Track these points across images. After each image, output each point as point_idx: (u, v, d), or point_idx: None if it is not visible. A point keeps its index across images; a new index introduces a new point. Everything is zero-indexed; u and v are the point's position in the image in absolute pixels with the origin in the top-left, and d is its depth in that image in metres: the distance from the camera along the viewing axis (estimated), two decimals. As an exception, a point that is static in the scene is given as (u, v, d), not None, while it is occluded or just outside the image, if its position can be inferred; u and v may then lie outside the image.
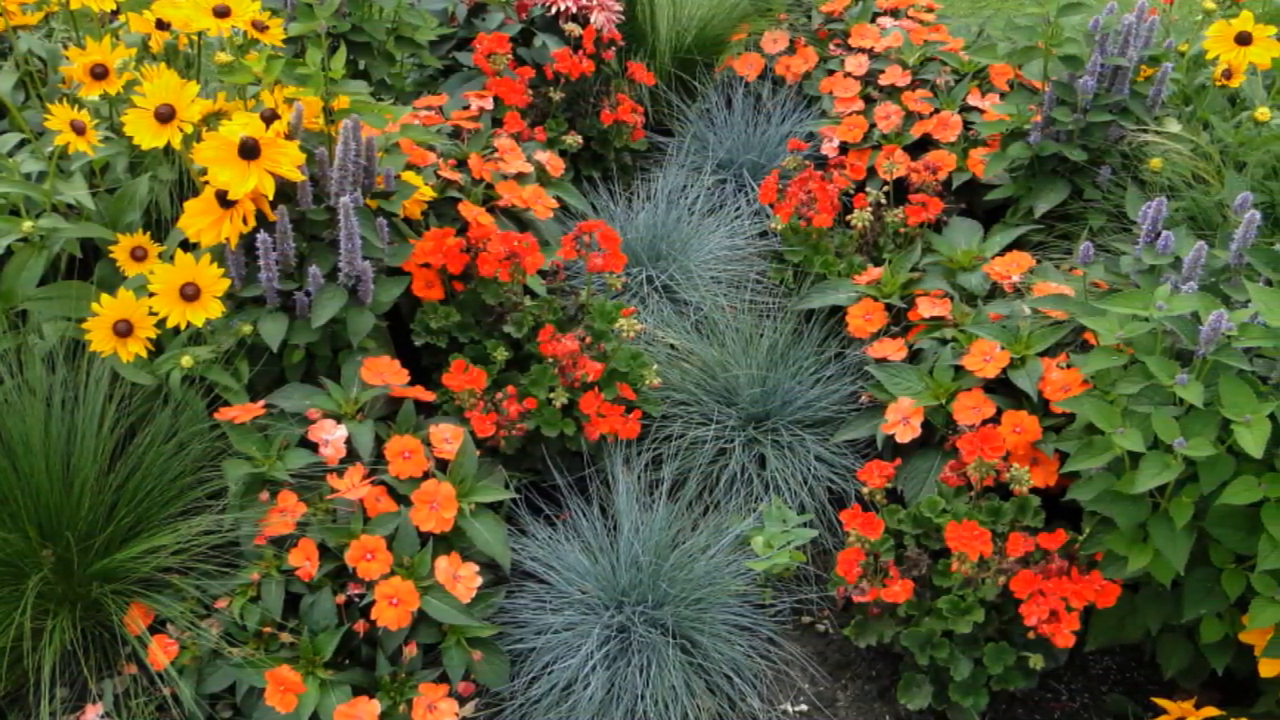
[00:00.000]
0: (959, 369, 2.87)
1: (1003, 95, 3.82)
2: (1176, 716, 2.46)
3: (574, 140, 3.84)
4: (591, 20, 3.94)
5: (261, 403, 2.68)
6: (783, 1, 4.61)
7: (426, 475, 2.65)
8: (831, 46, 4.33)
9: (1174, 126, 3.27)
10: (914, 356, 3.04)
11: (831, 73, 4.20)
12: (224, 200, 2.63)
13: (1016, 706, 2.69)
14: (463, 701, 2.54)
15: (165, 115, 2.64)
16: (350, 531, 2.54)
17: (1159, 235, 2.67)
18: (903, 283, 3.22)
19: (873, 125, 3.94)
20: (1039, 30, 3.29)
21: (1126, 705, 2.68)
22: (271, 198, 2.66)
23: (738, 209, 3.92)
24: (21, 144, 2.85)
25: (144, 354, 2.58)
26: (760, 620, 2.76)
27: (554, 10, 3.96)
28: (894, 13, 4.39)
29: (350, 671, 2.50)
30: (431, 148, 3.28)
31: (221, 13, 2.77)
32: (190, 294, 2.58)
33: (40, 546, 2.46)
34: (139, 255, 2.71)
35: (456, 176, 3.28)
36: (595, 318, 3.05)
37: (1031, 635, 2.49)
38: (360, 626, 2.49)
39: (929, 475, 2.82)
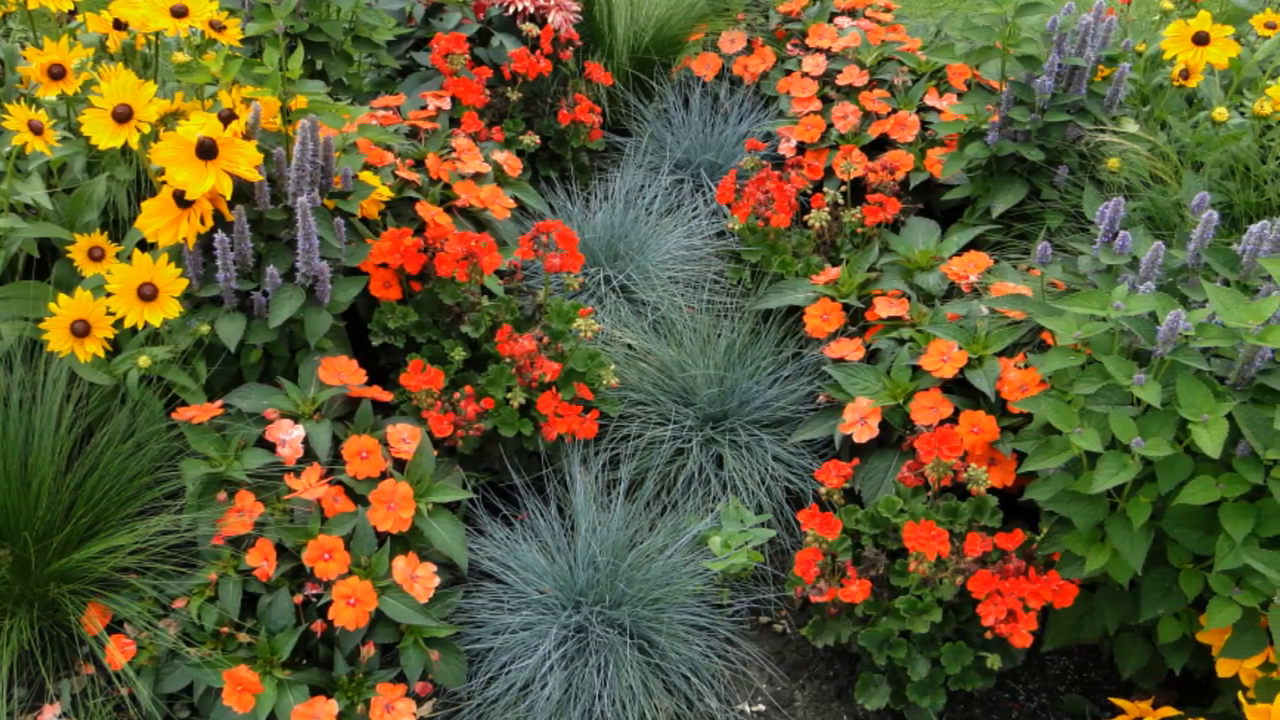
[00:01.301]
0: (916, 369, 2.87)
1: (960, 95, 3.84)
2: (1134, 716, 2.48)
3: (531, 140, 3.83)
4: (549, 20, 3.94)
5: (219, 403, 2.67)
6: (740, 2, 4.62)
7: (384, 475, 2.64)
8: (789, 46, 4.33)
9: (1131, 126, 3.29)
10: (871, 356, 3.04)
11: (789, 73, 4.21)
12: (181, 200, 2.62)
13: (974, 706, 2.71)
14: (420, 701, 2.53)
15: (123, 115, 2.63)
16: (308, 531, 2.53)
17: (1116, 235, 2.69)
18: (860, 283, 3.23)
19: (830, 125, 3.95)
20: (996, 30, 3.30)
21: (1084, 705, 2.69)
22: (229, 198, 2.66)
23: (695, 209, 3.93)
24: (-23, 144, 2.84)
25: (101, 354, 2.57)
26: (718, 620, 2.77)
27: (511, 10, 3.95)
28: (851, 13, 4.41)
29: (308, 671, 2.49)
30: (389, 148, 3.27)
31: (179, 13, 2.76)
32: (148, 294, 2.57)
33: (-4, 547, 2.45)
34: (96, 255, 2.70)
35: (414, 176, 3.27)
36: (553, 318, 3.05)
37: (989, 635, 2.50)
38: (318, 626, 2.48)
39: (887, 475, 2.83)
